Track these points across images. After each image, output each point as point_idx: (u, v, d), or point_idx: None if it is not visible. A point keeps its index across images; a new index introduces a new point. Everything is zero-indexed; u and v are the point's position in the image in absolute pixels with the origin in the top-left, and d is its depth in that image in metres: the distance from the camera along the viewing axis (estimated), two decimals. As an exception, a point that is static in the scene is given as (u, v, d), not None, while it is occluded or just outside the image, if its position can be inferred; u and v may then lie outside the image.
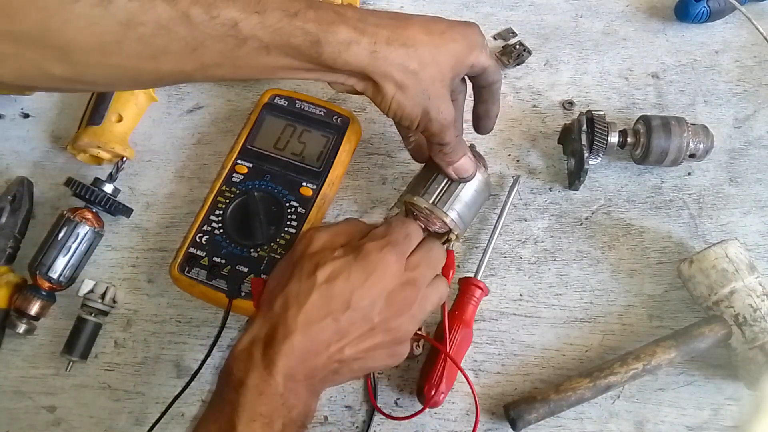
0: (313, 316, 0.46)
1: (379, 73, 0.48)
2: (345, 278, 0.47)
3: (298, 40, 0.45)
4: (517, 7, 0.78)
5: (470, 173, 0.57)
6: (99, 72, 0.44)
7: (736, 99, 0.72)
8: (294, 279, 0.48)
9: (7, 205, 0.67)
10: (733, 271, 0.58)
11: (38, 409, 0.63)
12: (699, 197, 0.68)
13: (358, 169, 0.71)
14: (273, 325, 0.46)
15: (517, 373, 0.62)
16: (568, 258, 0.66)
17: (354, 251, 0.48)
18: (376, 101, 0.51)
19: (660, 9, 0.77)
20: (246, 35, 0.44)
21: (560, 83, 0.74)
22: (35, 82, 0.44)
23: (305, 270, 0.48)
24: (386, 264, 0.48)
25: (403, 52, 0.48)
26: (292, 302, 0.46)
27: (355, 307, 0.47)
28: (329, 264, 0.48)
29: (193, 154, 0.72)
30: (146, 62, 0.43)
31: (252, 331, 0.47)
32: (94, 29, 0.40)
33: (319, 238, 0.50)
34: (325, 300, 0.46)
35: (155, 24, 0.41)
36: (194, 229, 0.63)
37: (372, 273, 0.48)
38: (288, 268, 0.49)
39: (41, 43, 0.40)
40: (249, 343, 0.46)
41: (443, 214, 0.57)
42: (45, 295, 0.63)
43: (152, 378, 0.63)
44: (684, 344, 0.57)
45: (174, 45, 0.42)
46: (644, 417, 0.60)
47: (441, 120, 0.51)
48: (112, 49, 0.41)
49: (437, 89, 0.50)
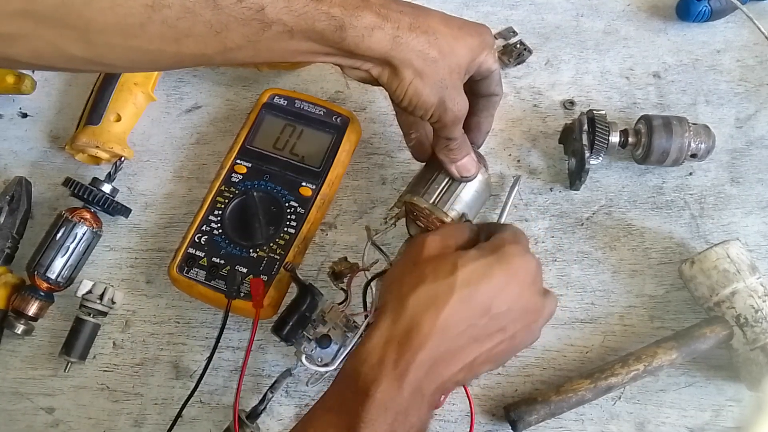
0: (452, 321, 0.44)
1: (399, 59, 0.47)
2: (487, 281, 0.45)
3: (323, 25, 0.44)
4: (518, 6, 0.78)
5: (472, 173, 0.57)
6: (119, 54, 0.43)
7: (737, 99, 0.72)
8: (429, 279, 0.45)
9: (5, 205, 0.67)
10: (735, 272, 0.58)
11: (36, 411, 0.63)
12: (700, 197, 0.67)
13: (358, 169, 0.70)
14: (407, 328, 0.43)
15: (517, 375, 0.61)
16: (568, 258, 0.65)
17: (493, 252, 0.47)
18: (391, 88, 0.50)
19: (661, 8, 0.77)
20: (272, 19, 0.43)
21: (561, 83, 0.74)
22: (52, 62, 0.43)
23: (442, 270, 0.45)
24: (528, 269, 0.47)
25: (424, 40, 0.48)
26: (429, 304, 0.44)
27: (494, 314, 0.45)
28: (470, 265, 0.45)
29: (191, 154, 0.72)
30: (169, 45, 0.42)
31: (382, 330, 0.44)
32: (118, 10, 0.39)
33: (433, 240, 0.49)
34: (466, 303, 0.44)
35: (181, 7, 0.40)
36: (193, 229, 0.63)
37: (514, 277, 0.46)
38: (413, 269, 0.47)
39: (61, 23, 0.39)
40: (383, 345, 0.43)
41: (443, 214, 0.56)
42: (43, 295, 0.63)
43: (151, 379, 0.63)
44: (685, 345, 0.57)
45: (198, 28, 0.42)
46: (645, 418, 0.59)
47: (455, 111, 0.51)
48: (135, 31, 0.41)
49: (454, 80, 0.50)
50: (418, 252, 0.49)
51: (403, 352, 0.42)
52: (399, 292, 0.46)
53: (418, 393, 0.43)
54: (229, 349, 0.63)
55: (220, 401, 0.62)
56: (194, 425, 0.61)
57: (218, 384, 0.62)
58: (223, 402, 0.62)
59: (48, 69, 0.46)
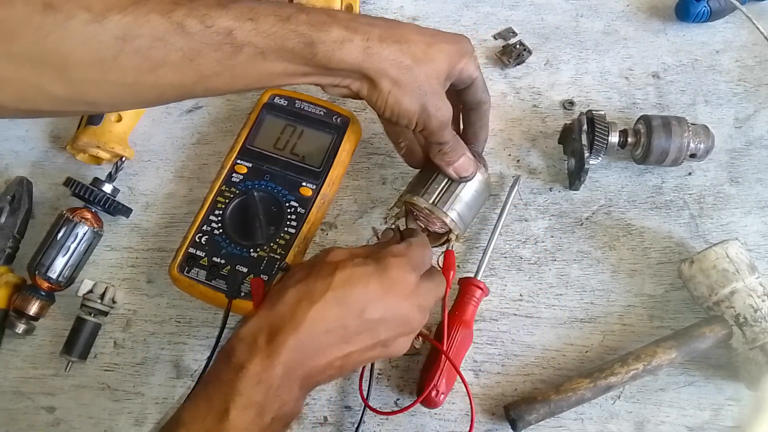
0: (324, 316, 0.45)
1: (373, 70, 0.49)
2: (363, 286, 0.47)
3: (293, 43, 0.46)
4: (518, 7, 0.78)
5: (470, 172, 0.57)
6: (99, 90, 0.44)
7: (736, 99, 0.72)
8: (311, 277, 0.47)
9: (7, 205, 0.67)
10: (734, 272, 0.58)
11: (37, 410, 0.63)
12: (700, 197, 0.68)
13: (358, 169, 0.70)
14: (281, 316, 0.45)
15: (517, 374, 0.62)
16: (568, 258, 0.66)
17: (376, 262, 0.48)
18: (372, 101, 0.51)
19: (660, 9, 0.77)
20: (241, 42, 0.44)
21: (560, 83, 0.74)
22: (37, 104, 0.44)
23: (323, 271, 0.47)
24: (406, 284, 0.48)
25: (396, 48, 0.49)
26: (304, 297, 0.46)
27: (366, 318, 0.46)
28: (349, 269, 0.47)
29: (192, 154, 0.72)
30: (145, 76, 0.43)
31: (259, 317, 0.46)
32: (90, 45, 0.41)
33: (339, 250, 0.50)
34: (339, 303, 0.46)
35: (151, 36, 0.42)
36: (194, 229, 0.63)
37: (391, 288, 0.47)
38: (304, 269, 0.49)
39: (39, 63, 0.41)
40: (255, 328, 0.45)
41: (443, 214, 0.57)
42: (44, 295, 0.63)
43: (152, 378, 0.63)
44: (684, 344, 0.57)
45: (171, 56, 0.43)
46: (644, 417, 0.59)
47: (439, 116, 0.52)
48: (109, 64, 0.42)
49: (433, 85, 0.51)
50: (322, 255, 0.50)
51: (275, 334, 0.44)
52: (282, 285, 0.48)
53: (289, 374, 0.44)
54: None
55: (220, 400, 0.62)
56: (195, 424, 0.61)
57: (219, 383, 0.62)
58: (223, 401, 0.62)
59: (35, 114, 0.47)
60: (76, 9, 0.40)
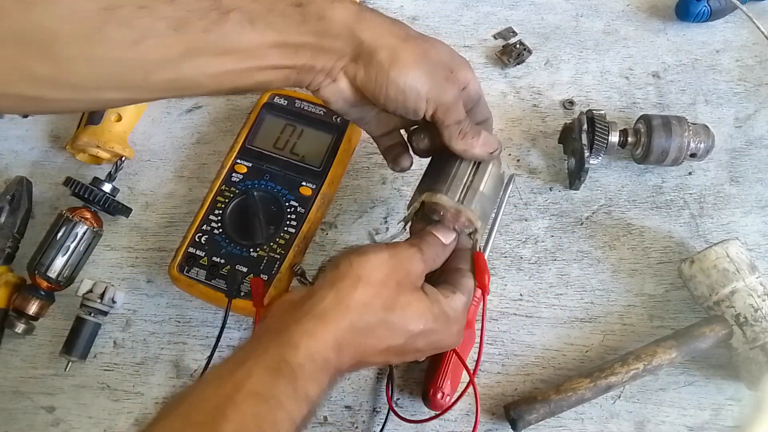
0: (374, 343, 0.45)
1: (369, 35, 0.45)
2: (419, 333, 0.46)
3: (282, 5, 0.44)
4: (518, 6, 0.78)
5: (496, 147, 0.52)
6: (83, 68, 0.42)
7: (737, 98, 0.72)
8: (377, 301, 0.45)
9: (6, 204, 0.67)
10: (734, 271, 0.58)
11: (37, 410, 0.63)
12: (700, 197, 0.68)
13: (358, 168, 0.70)
14: (348, 344, 0.43)
15: (517, 374, 0.61)
16: (568, 258, 0.66)
17: (443, 316, 0.47)
18: (371, 80, 0.47)
19: (661, 8, 0.77)
20: (228, 7, 0.43)
21: (561, 82, 0.74)
22: (18, 86, 0.42)
23: (384, 296, 0.45)
24: (451, 346, 0.50)
25: (390, 21, 0.47)
26: (365, 330, 0.44)
27: (408, 343, 0.46)
28: (414, 305, 0.46)
29: (192, 154, 0.72)
30: (130, 48, 0.41)
31: (330, 328, 0.43)
32: (75, 16, 0.40)
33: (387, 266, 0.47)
34: (391, 336, 0.45)
35: (135, 4, 0.40)
36: (193, 228, 0.63)
37: (444, 335, 0.48)
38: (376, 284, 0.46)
39: (22, 39, 0.39)
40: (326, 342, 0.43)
41: (471, 212, 0.51)
42: (44, 294, 0.63)
43: (151, 378, 0.63)
44: (685, 344, 0.57)
45: (156, 25, 0.41)
46: (645, 417, 0.59)
47: (453, 88, 0.48)
48: (95, 36, 0.40)
49: (435, 57, 0.48)
50: (403, 274, 0.47)
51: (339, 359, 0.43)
52: (347, 291, 0.45)
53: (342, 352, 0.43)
54: (230, 348, 0.63)
55: (220, 400, 0.62)
56: (195, 424, 0.61)
57: (218, 383, 0.62)
58: (223, 401, 0.62)
59: (15, 102, 0.45)
60: None
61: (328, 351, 0.42)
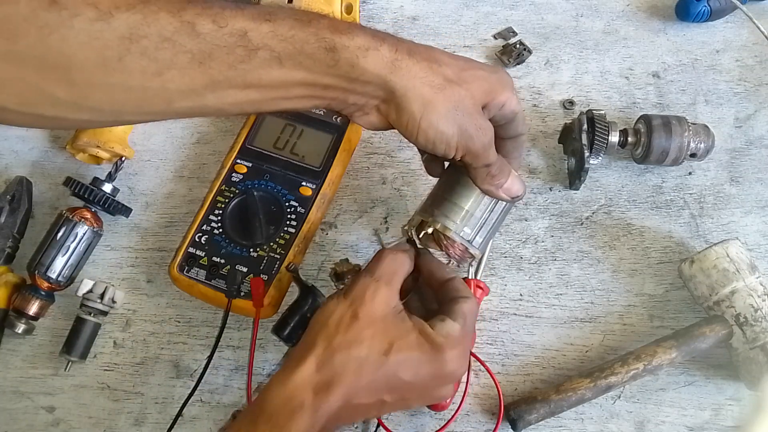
0: (366, 392, 0.45)
1: (401, 86, 0.44)
2: (414, 375, 0.46)
3: (312, 48, 0.42)
4: (518, 6, 0.78)
5: (522, 191, 0.52)
6: (103, 94, 0.41)
7: (737, 98, 0.72)
8: (363, 346, 0.45)
9: (6, 204, 0.67)
10: (734, 271, 0.58)
11: (37, 410, 0.63)
12: (700, 197, 0.68)
13: (358, 168, 0.70)
14: (328, 382, 0.44)
15: (517, 374, 0.61)
16: (568, 258, 0.66)
17: (434, 351, 0.46)
18: (402, 126, 0.46)
19: (661, 8, 0.77)
20: (256, 45, 0.41)
21: (561, 82, 0.74)
22: (39, 107, 0.41)
23: (378, 343, 0.46)
24: (456, 375, 0.49)
25: (426, 66, 0.45)
26: (354, 369, 0.45)
27: (406, 397, 0.47)
28: (405, 352, 0.46)
29: (192, 154, 0.72)
30: (151, 79, 0.41)
31: (302, 371, 0.44)
32: (95, 44, 0.39)
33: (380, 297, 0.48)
34: (385, 383, 0.45)
35: (158, 36, 0.39)
36: (193, 228, 0.63)
37: (440, 378, 0.48)
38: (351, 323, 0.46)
39: (42, 63, 0.39)
40: (299, 385, 0.44)
41: (476, 250, 0.52)
42: (44, 294, 0.63)
43: (151, 378, 0.63)
44: (685, 344, 0.57)
45: (179, 59, 0.40)
46: (645, 417, 0.59)
47: (482, 137, 0.47)
48: (114, 65, 0.39)
49: (468, 107, 0.46)
50: (360, 302, 0.47)
51: (322, 399, 0.44)
52: (329, 343, 0.46)
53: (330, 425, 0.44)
54: (230, 348, 0.63)
55: (220, 400, 0.62)
56: (195, 424, 0.61)
57: (219, 383, 0.62)
58: (223, 401, 0.62)
59: (38, 120, 0.44)
60: (83, 6, 0.38)
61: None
